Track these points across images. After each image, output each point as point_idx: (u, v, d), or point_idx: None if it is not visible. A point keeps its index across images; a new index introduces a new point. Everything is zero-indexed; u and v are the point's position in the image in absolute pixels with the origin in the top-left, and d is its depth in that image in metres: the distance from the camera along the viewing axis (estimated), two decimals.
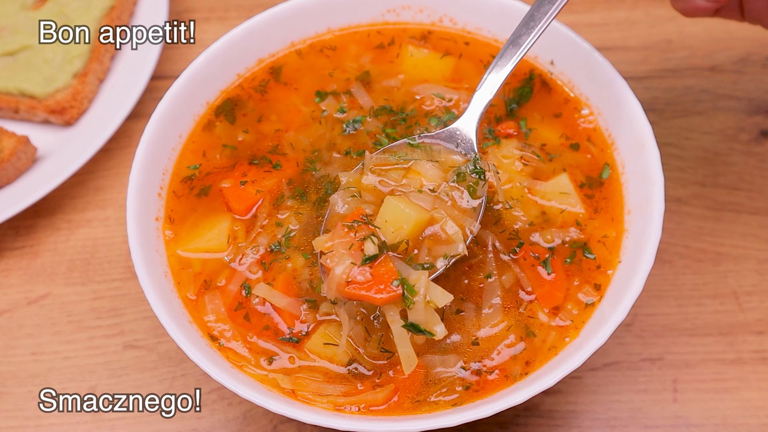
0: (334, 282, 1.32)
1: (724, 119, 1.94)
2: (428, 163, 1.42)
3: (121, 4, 2.07)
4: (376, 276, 1.31)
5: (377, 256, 1.32)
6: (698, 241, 1.79)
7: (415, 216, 1.34)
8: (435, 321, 1.30)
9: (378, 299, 1.30)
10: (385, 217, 1.35)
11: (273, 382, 1.39)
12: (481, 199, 1.41)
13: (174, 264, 1.50)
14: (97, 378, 1.70)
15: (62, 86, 1.96)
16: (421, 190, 1.40)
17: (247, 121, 1.65)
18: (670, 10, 2.12)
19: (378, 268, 1.31)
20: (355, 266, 1.31)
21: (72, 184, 1.94)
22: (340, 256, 1.33)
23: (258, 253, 1.50)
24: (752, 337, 1.68)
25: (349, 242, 1.33)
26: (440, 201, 1.39)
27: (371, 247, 1.31)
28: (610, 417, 1.62)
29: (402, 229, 1.34)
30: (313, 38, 1.72)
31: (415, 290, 1.30)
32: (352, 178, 1.43)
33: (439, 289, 1.32)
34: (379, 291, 1.30)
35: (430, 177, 1.41)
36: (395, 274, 1.30)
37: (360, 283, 1.31)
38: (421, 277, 1.31)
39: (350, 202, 1.40)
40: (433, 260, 1.36)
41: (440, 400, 1.38)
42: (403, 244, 1.34)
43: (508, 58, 1.50)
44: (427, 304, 1.30)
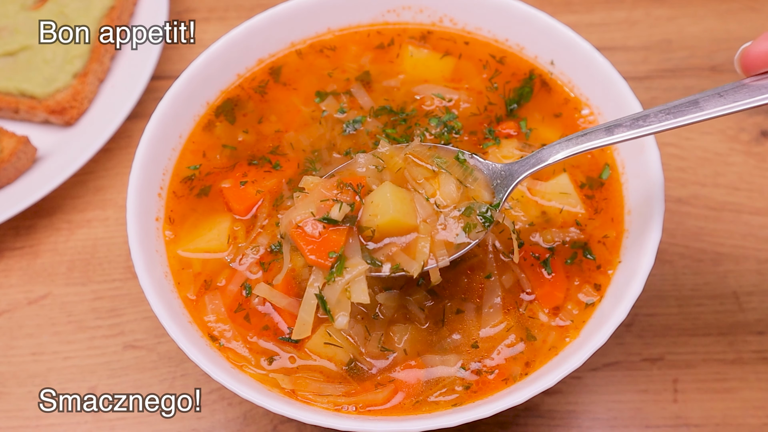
0: (287, 218, 1.33)
1: (724, 119, 1.94)
2: (453, 182, 1.38)
3: (121, 4, 2.07)
4: (323, 238, 1.31)
5: (337, 223, 1.31)
6: (698, 241, 1.79)
7: (392, 214, 1.32)
8: (343, 309, 1.29)
9: (309, 258, 1.30)
10: (372, 198, 1.34)
11: (273, 382, 1.39)
12: (469, 243, 1.35)
13: (174, 264, 1.50)
14: (97, 378, 1.70)
15: (62, 86, 1.96)
16: (428, 199, 1.37)
17: (247, 121, 1.65)
18: (670, 10, 2.12)
19: (331, 233, 1.31)
20: (313, 217, 1.31)
21: (72, 185, 1.94)
22: (308, 201, 1.33)
23: (258, 253, 1.50)
24: (752, 337, 1.68)
25: (327, 195, 1.33)
26: (435, 219, 1.36)
27: (336, 211, 1.30)
28: (610, 417, 1.62)
29: (376, 218, 1.32)
30: (313, 38, 1.72)
31: (343, 272, 1.30)
32: (389, 150, 1.40)
33: (363, 286, 1.30)
34: (314, 251, 1.30)
35: (445, 195, 1.38)
36: (338, 247, 1.30)
37: (306, 233, 1.31)
38: (358, 266, 1.30)
39: (367, 169, 1.39)
40: (387, 262, 1.33)
41: (440, 400, 1.37)
42: (369, 231, 1.33)
43: (590, 139, 1.33)
44: (344, 291, 1.29)
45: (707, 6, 2.11)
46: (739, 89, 1.24)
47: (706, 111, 1.24)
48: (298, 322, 1.32)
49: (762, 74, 1.24)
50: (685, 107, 1.26)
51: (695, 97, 1.26)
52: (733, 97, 1.23)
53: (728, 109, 1.23)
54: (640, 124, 1.29)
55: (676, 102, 1.27)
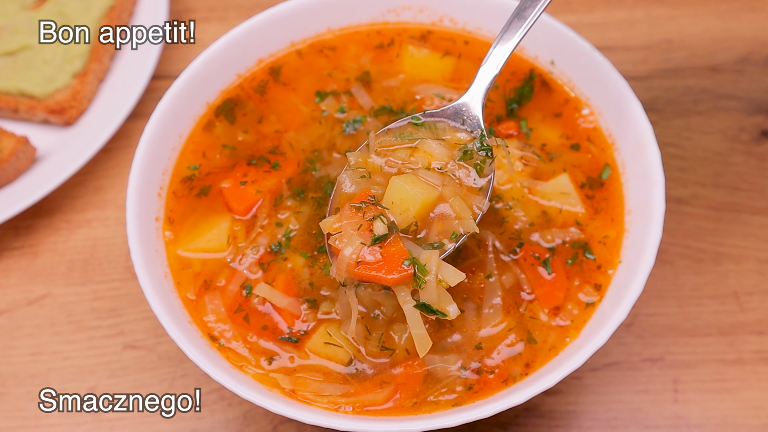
0: (343, 263, 1.30)
1: (724, 119, 1.94)
2: (434, 141, 1.40)
3: (121, 4, 2.07)
4: (387, 256, 1.29)
5: (387, 236, 1.30)
6: (699, 241, 1.79)
7: (422, 197, 1.32)
8: (447, 300, 1.29)
9: (389, 279, 1.28)
10: (392, 198, 1.34)
11: (273, 382, 1.39)
12: (489, 177, 1.38)
13: (174, 264, 1.50)
14: (97, 378, 1.70)
15: (62, 86, 1.96)
16: (430, 167, 1.37)
17: (247, 121, 1.65)
18: (671, 10, 2.12)
19: (388, 248, 1.30)
20: (365, 246, 1.29)
21: (72, 184, 1.94)
22: (349, 236, 1.31)
23: (258, 253, 1.50)
24: (753, 338, 1.68)
25: (357, 222, 1.31)
26: (448, 179, 1.37)
27: (381, 226, 1.30)
28: (610, 417, 1.62)
29: (409, 211, 1.32)
30: (313, 38, 1.72)
31: (426, 269, 1.28)
32: (359, 158, 1.41)
33: (450, 267, 1.30)
34: (389, 271, 1.28)
35: (437, 156, 1.38)
36: (406, 254, 1.29)
37: (370, 263, 1.29)
38: (432, 256, 1.29)
39: (358, 183, 1.39)
40: (442, 239, 1.34)
41: (440, 400, 1.37)
42: (411, 226, 1.33)
43: (513, 32, 1.44)
44: (439, 284, 1.29)
45: (707, 6, 2.11)
46: None
47: None
48: (417, 340, 1.30)
49: None
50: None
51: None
52: None
53: None
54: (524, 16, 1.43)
55: None
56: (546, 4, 1.42)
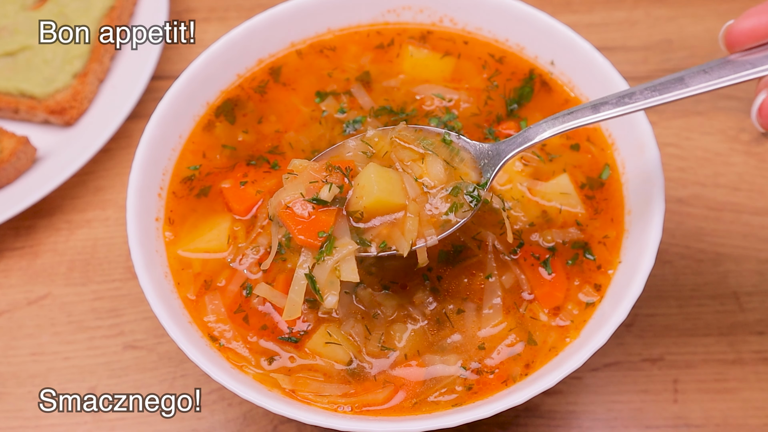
0: (277, 199, 1.33)
1: (724, 119, 1.94)
2: (440, 163, 1.39)
3: (121, 4, 2.07)
4: (312, 219, 1.31)
5: (327, 204, 1.31)
6: (698, 242, 1.79)
7: (377, 194, 1.32)
8: (332, 289, 1.30)
9: (298, 238, 1.31)
10: (359, 180, 1.34)
11: (273, 382, 1.39)
12: (457, 222, 1.35)
13: (174, 264, 1.50)
14: (97, 378, 1.70)
15: (62, 86, 1.96)
16: (417, 179, 1.37)
17: (247, 121, 1.65)
18: (670, 10, 2.12)
19: (320, 213, 1.31)
20: (302, 199, 1.32)
21: (72, 185, 1.94)
22: (298, 182, 1.33)
23: (258, 253, 1.50)
24: (753, 338, 1.68)
25: (316, 177, 1.33)
26: (423, 199, 1.37)
27: (326, 192, 1.31)
28: (610, 417, 1.62)
29: (362, 199, 1.33)
30: (313, 38, 1.72)
31: (332, 251, 1.30)
32: (376, 137, 1.41)
33: (352, 265, 1.30)
34: (303, 231, 1.30)
35: (433, 176, 1.39)
36: (327, 227, 1.31)
37: (295, 214, 1.31)
38: (348, 245, 1.31)
39: (357, 155, 1.39)
40: (375, 241, 1.34)
41: (440, 401, 1.37)
42: (357, 213, 1.33)
43: (576, 117, 1.33)
44: (333, 271, 1.30)
45: (707, 6, 2.11)
46: (724, 65, 1.26)
47: (691, 87, 1.26)
48: (288, 303, 1.31)
49: (746, 51, 1.26)
50: (671, 84, 1.28)
51: (681, 74, 1.28)
52: (718, 73, 1.25)
53: (713, 85, 1.25)
54: (625, 102, 1.30)
55: (661, 79, 1.29)
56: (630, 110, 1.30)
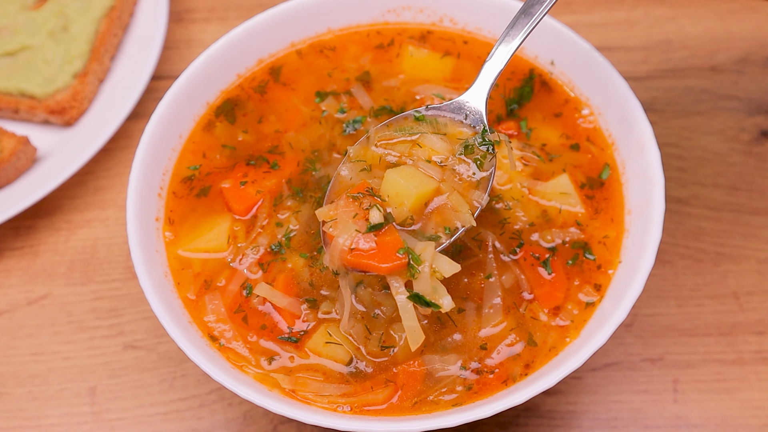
0: (337, 249, 1.29)
1: (724, 119, 1.94)
2: (435, 135, 1.39)
3: (121, 4, 2.07)
4: (381, 245, 1.28)
5: (382, 225, 1.29)
6: (698, 242, 1.79)
7: (416, 190, 1.31)
8: (441, 292, 1.27)
9: (383, 268, 1.27)
10: (387, 191, 1.33)
11: (273, 382, 1.39)
12: (489, 171, 1.37)
13: (174, 264, 1.50)
14: (97, 378, 1.70)
15: (62, 86, 1.96)
16: (430, 160, 1.37)
17: (247, 121, 1.65)
18: (671, 10, 2.12)
19: (383, 237, 1.29)
20: (360, 234, 1.29)
21: (72, 185, 1.94)
22: (344, 223, 1.30)
23: (258, 253, 1.50)
24: (753, 338, 1.68)
25: (353, 211, 1.31)
26: (448, 173, 1.36)
27: (377, 214, 1.29)
28: (610, 417, 1.62)
29: (404, 205, 1.32)
30: (313, 38, 1.72)
31: (420, 259, 1.27)
32: (360, 150, 1.41)
33: (445, 258, 1.29)
34: (383, 260, 1.27)
35: (438, 149, 1.38)
36: (400, 243, 1.28)
37: (364, 251, 1.28)
38: (428, 247, 1.29)
39: (358, 175, 1.38)
40: (439, 232, 1.33)
41: (440, 400, 1.37)
42: (407, 219, 1.32)
43: (519, 28, 1.43)
44: (433, 274, 1.27)
45: (707, 6, 2.11)
46: None
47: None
48: (409, 333, 1.28)
49: None
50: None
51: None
52: None
53: None
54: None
55: None
56: (552, 2, 1.41)
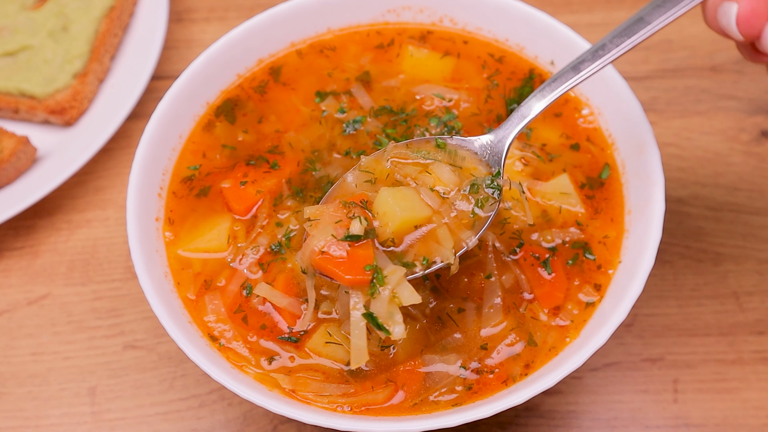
0: (308, 249, 1.29)
1: (724, 119, 1.94)
2: (447, 167, 1.38)
3: (121, 4, 2.07)
4: (352, 256, 1.27)
5: (360, 238, 1.28)
6: (698, 242, 1.79)
7: (401, 215, 1.30)
8: (396, 320, 1.26)
9: (345, 279, 1.27)
10: (378, 208, 1.32)
11: (273, 382, 1.39)
12: (488, 215, 1.35)
13: (174, 264, 1.50)
14: (97, 378, 1.70)
15: (62, 86, 1.96)
16: (433, 189, 1.36)
17: (247, 121, 1.65)
18: None
19: (356, 249, 1.28)
20: (334, 240, 1.28)
21: (72, 185, 1.94)
22: (324, 225, 1.30)
23: (258, 253, 1.50)
24: (753, 338, 1.68)
25: (338, 217, 1.31)
26: (446, 206, 1.35)
27: (357, 226, 1.28)
28: (610, 417, 1.62)
29: (388, 226, 1.31)
30: (313, 38, 1.72)
31: (385, 281, 1.27)
32: (372, 162, 1.39)
33: (409, 287, 1.28)
34: (348, 271, 1.27)
35: (444, 180, 1.37)
36: (370, 260, 1.27)
37: (333, 257, 1.27)
38: (397, 271, 1.28)
39: (361, 185, 1.38)
40: (417, 261, 1.32)
41: (440, 400, 1.37)
42: (388, 241, 1.32)
43: (562, 82, 1.38)
44: (393, 299, 1.27)
45: None
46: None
47: (653, 23, 1.32)
48: (353, 350, 1.27)
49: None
50: (634, 26, 1.33)
51: (639, 14, 1.33)
52: (672, 4, 1.31)
53: (672, 15, 1.31)
54: (600, 54, 1.35)
55: (622, 24, 1.35)
56: (607, 61, 1.35)
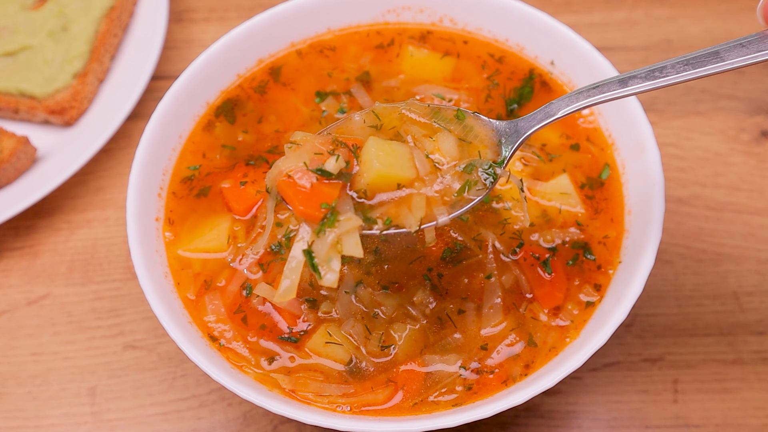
0: (277, 168, 1.26)
1: (724, 119, 1.94)
2: (453, 139, 1.30)
3: (121, 4, 2.07)
4: (315, 190, 1.23)
5: (330, 176, 1.24)
6: (698, 242, 1.79)
7: (378, 168, 1.25)
8: (331, 267, 1.22)
9: (299, 209, 1.24)
10: (362, 156, 1.27)
11: (273, 382, 1.39)
12: (472, 199, 1.29)
13: (174, 264, 1.50)
14: (97, 378, 1.70)
15: (62, 86, 1.96)
16: (428, 155, 1.30)
17: (247, 121, 1.65)
18: (671, 10, 2.12)
19: (322, 185, 1.24)
20: (305, 169, 1.24)
21: (72, 185, 1.94)
22: (301, 152, 1.26)
23: (258, 253, 1.50)
24: (753, 338, 1.68)
25: (319, 149, 1.26)
26: (434, 177, 1.29)
27: (332, 163, 1.24)
28: (610, 417, 1.62)
29: (364, 176, 1.26)
30: (313, 38, 1.72)
31: (334, 224, 1.23)
32: (385, 110, 1.34)
33: (356, 239, 1.23)
34: (304, 202, 1.23)
35: (443, 151, 1.30)
36: (330, 200, 1.23)
37: (296, 184, 1.24)
38: (352, 219, 1.23)
39: (363, 129, 1.32)
40: (380, 219, 1.26)
41: (440, 401, 1.37)
42: (360, 191, 1.26)
43: (602, 91, 1.27)
44: (335, 245, 1.22)
45: (707, 6, 2.11)
46: (763, 39, 1.19)
47: (727, 61, 1.18)
48: (282, 281, 1.23)
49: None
50: (705, 58, 1.20)
51: (716, 48, 1.21)
52: (756, 47, 1.19)
53: (751, 59, 1.18)
54: (656, 75, 1.22)
55: (695, 53, 1.22)
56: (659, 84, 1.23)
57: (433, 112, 1.34)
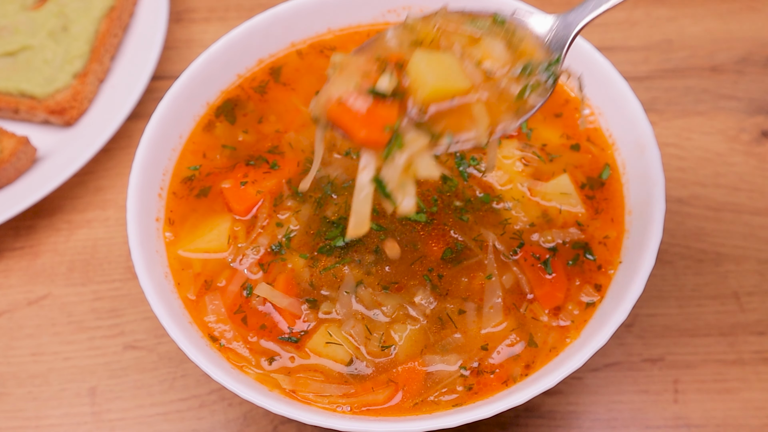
0: (326, 94, 1.16)
1: (724, 119, 1.94)
2: (501, 44, 1.22)
3: (121, 4, 2.07)
4: (372, 113, 1.14)
5: (385, 96, 1.14)
6: (699, 242, 1.79)
7: (433, 83, 1.15)
8: (407, 192, 1.12)
9: (359, 135, 1.13)
10: (410, 72, 1.17)
11: (273, 382, 1.39)
12: (535, 104, 1.21)
13: (174, 264, 1.50)
14: (97, 378, 1.70)
15: (62, 86, 1.96)
16: (480, 63, 1.21)
17: (247, 121, 1.65)
18: (671, 10, 2.12)
19: (379, 107, 1.14)
20: (358, 91, 1.14)
21: (72, 185, 1.94)
22: (349, 74, 1.16)
23: (258, 253, 1.50)
24: (753, 338, 1.68)
25: (367, 70, 1.16)
26: (490, 84, 1.20)
27: (386, 82, 1.14)
28: (610, 418, 1.62)
29: (417, 92, 1.16)
30: (313, 38, 1.72)
31: (404, 145, 1.13)
32: (419, 22, 1.24)
33: (431, 159, 1.14)
34: (364, 127, 1.13)
35: (495, 56, 1.21)
36: (393, 120, 1.13)
37: (351, 109, 1.13)
38: (420, 138, 1.14)
39: (402, 44, 1.22)
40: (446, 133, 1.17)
41: (440, 401, 1.37)
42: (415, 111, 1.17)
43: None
44: (408, 169, 1.13)
45: (707, 6, 2.11)
46: None
47: None
48: (353, 215, 1.13)
49: None
50: None
51: None
52: None
53: None
54: None
55: None
56: None
57: (469, 19, 1.25)
